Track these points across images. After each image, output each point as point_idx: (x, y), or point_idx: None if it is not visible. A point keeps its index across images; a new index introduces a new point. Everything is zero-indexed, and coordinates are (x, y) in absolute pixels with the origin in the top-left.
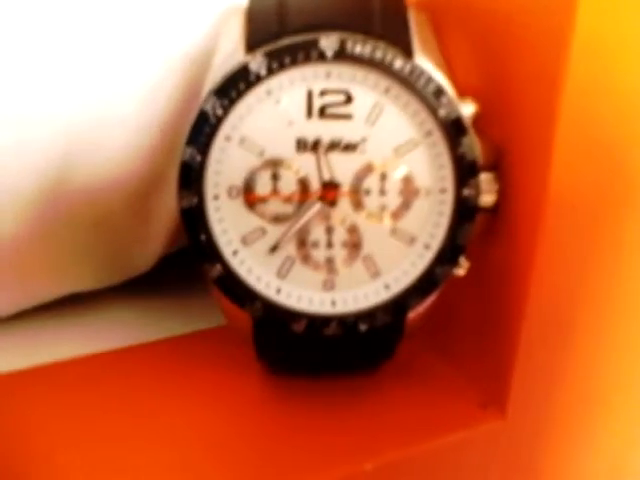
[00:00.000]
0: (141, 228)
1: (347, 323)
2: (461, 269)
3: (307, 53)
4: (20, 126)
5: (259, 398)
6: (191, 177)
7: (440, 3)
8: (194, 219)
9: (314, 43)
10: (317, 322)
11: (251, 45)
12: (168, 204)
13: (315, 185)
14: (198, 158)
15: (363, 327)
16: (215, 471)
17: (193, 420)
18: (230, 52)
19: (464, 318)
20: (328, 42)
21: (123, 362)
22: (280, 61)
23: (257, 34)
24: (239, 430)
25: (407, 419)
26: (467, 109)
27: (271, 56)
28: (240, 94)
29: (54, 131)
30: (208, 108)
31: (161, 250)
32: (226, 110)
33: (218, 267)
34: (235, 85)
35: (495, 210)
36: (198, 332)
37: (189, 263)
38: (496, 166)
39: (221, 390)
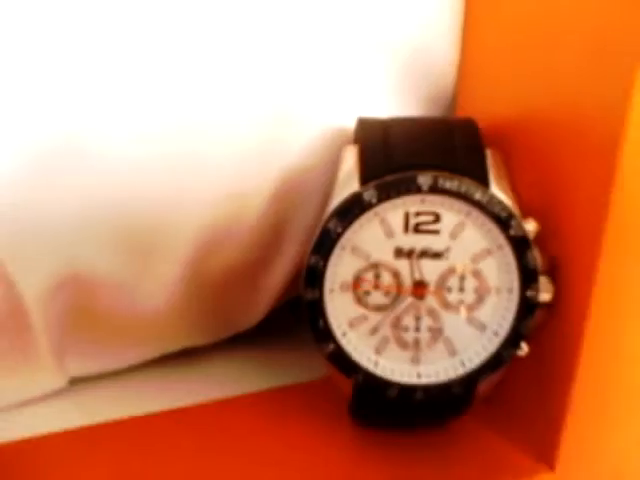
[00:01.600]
0: (252, 295)
1: (429, 392)
2: (523, 352)
3: (407, 187)
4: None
5: (349, 447)
6: (315, 277)
7: (509, 137)
8: (315, 308)
9: (413, 179)
10: (406, 390)
11: (364, 179)
12: (274, 278)
13: (408, 283)
14: (321, 263)
15: (441, 396)
16: None
17: (288, 467)
18: (347, 183)
19: (520, 388)
20: (424, 178)
21: (222, 413)
22: (387, 193)
23: (369, 170)
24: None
25: (465, 470)
26: (530, 227)
27: (380, 189)
28: (355, 217)
29: (199, 220)
30: (331, 226)
31: (265, 311)
32: (344, 228)
33: (331, 345)
34: (352, 210)
35: (550, 305)
36: (298, 384)
37: (287, 318)
38: (552, 271)
39: (314, 441)
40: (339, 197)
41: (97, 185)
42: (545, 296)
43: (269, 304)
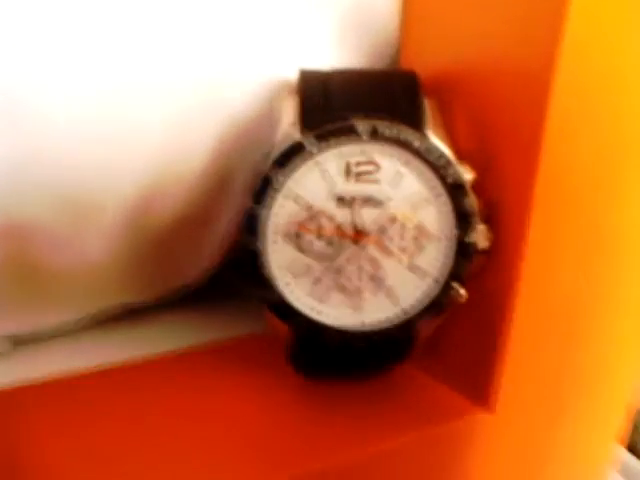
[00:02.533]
0: (195, 250)
1: (371, 338)
2: (462, 297)
3: (347, 135)
4: (110, 166)
5: (288, 397)
6: (256, 226)
7: (446, 86)
8: (257, 259)
9: (353, 127)
10: (347, 337)
11: (305, 128)
12: (219, 232)
13: (350, 232)
14: (262, 212)
15: (384, 342)
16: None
17: (229, 415)
18: (288, 131)
19: (459, 331)
20: (364, 127)
21: (165, 368)
22: (327, 141)
23: (309, 119)
24: (269, 419)
25: (401, 410)
26: (467, 176)
27: (320, 138)
28: (296, 166)
29: (138, 171)
30: (272, 175)
31: (210, 268)
32: (286, 177)
33: (273, 295)
34: (292, 159)
35: (488, 252)
36: (236, 338)
37: (231, 276)
38: (489, 218)
39: (255, 389)
40: (280, 146)
41: (34, 137)
42: (483, 242)
43: (214, 260)
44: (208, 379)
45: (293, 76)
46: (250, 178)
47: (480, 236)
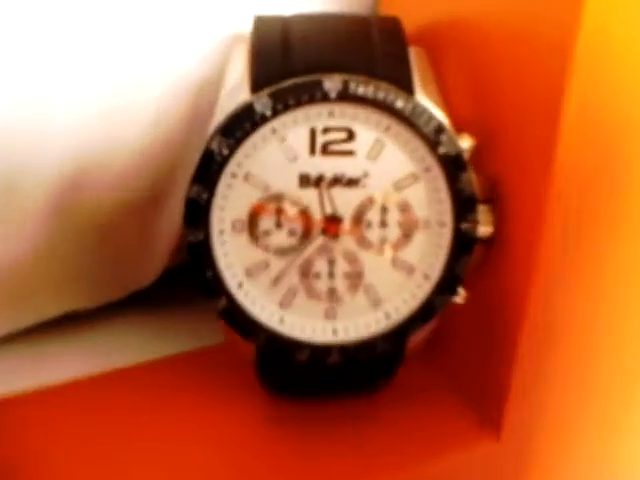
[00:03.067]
0: (143, 244)
1: (348, 351)
2: (459, 298)
3: (311, 94)
4: (30, 142)
5: (259, 420)
6: (197, 213)
7: (436, 39)
8: (201, 254)
9: (318, 84)
10: (319, 351)
11: (256, 85)
12: (170, 220)
13: (318, 219)
14: (204, 195)
15: (364, 355)
16: None
17: (193, 440)
18: (235, 91)
19: (462, 341)
20: (332, 83)
21: (123, 383)
22: (285, 102)
23: (262, 74)
24: (238, 451)
25: (403, 441)
26: (465, 144)
27: (276, 97)
28: (246, 134)
29: (63, 148)
30: (214, 147)
31: (161, 265)
32: (232, 149)
33: (223, 300)
34: (241, 125)
35: (491, 240)
36: (199, 350)
37: (190, 277)
38: (491, 198)
39: (222, 411)
40: (225, 110)
41: None
42: (485, 229)
43: (166, 256)
44: (163, 398)
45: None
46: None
47: (481, 221)
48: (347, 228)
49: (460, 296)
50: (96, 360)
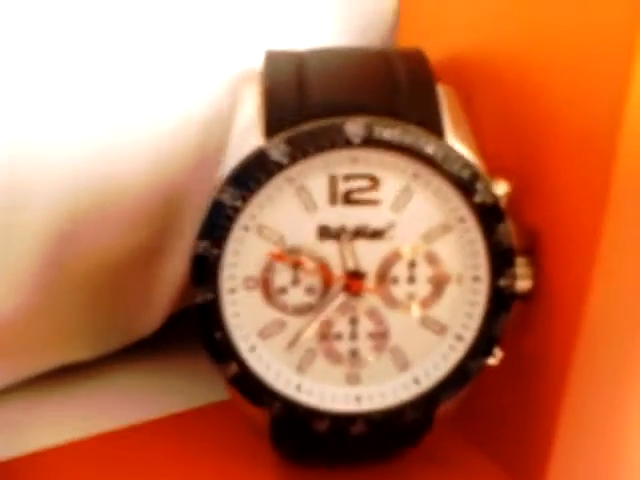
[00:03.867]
0: (142, 294)
1: (374, 421)
2: (494, 359)
3: (332, 140)
4: (22, 190)
5: None
6: (206, 271)
7: (463, 74)
8: (208, 315)
9: (340, 129)
10: (341, 421)
11: (270, 129)
12: (172, 269)
13: (339, 275)
14: (214, 251)
15: (390, 424)
16: None
17: None
18: (247, 134)
19: (498, 407)
20: (354, 127)
21: (122, 444)
22: (303, 149)
23: (276, 116)
24: None
25: None
26: (501, 190)
27: (293, 143)
28: (259, 183)
29: (58, 195)
30: (224, 199)
31: (163, 314)
32: (244, 201)
33: (234, 366)
34: (254, 174)
35: (530, 296)
36: (205, 407)
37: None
38: (530, 249)
39: (233, 474)
40: (235, 156)
41: None
42: (524, 284)
43: (169, 304)
44: (168, 460)
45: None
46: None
47: (520, 275)
48: (371, 284)
49: (496, 357)
50: (95, 416)
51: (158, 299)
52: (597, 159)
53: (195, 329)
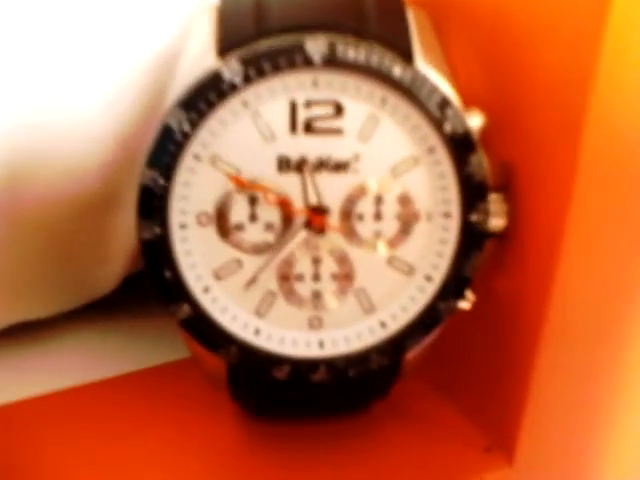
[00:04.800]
0: (98, 248)
1: (337, 367)
2: (466, 303)
3: (291, 59)
4: None
5: (233, 442)
6: (153, 204)
7: (438, 1)
8: (157, 252)
9: (299, 47)
10: (302, 367)
11: (224, 48)
12: (127, 222)
13: (300, 209)
14: (161, 182)
15: (355, 371)
16: None
17: (160, 467)
18: (199, 56)
19: (469, 355)
20: (315, 46)
21: (81, 402)
22: (259, 68)
23: (231, 35)
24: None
25: (405, 466)
26: (474, 121)
27: (248, 62)
28: (211, 106)
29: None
30: (173, 123)
31: (121, 271)
32: (195, 125)
33: (186, 307)
34: (205, 96)
35: (504, 235)
36: (165, 365)
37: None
38: (505, 185)
39: (192, 434)
40: (186, 79)
41: None
42: (497, 221)
43: (126, 260)
44: (126, 417)
45: None
46: None
47: (493, 212)
48: (335, 221)
49: (468, 301)
50: (49, 378)
51: (114, 254)
52: (573, 93)
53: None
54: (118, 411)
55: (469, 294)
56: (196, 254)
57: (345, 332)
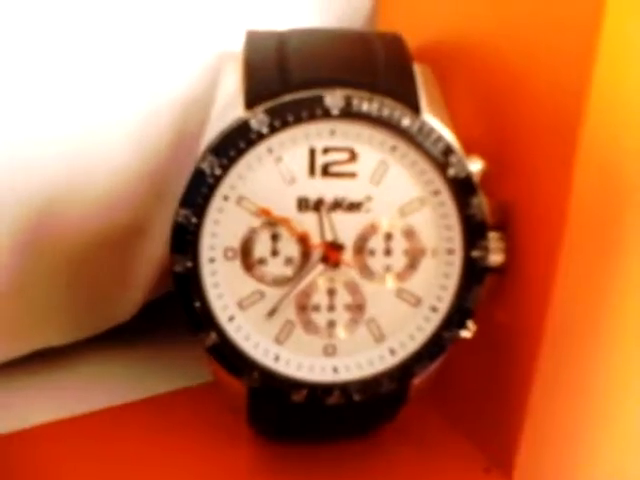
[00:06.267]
0: (121, 276)
1: (350, 391)
2: (468, 332)
3: (311, 111)
4: None
5: (249, 466)
6: (185, 240)
7: (441, 56)
8: (188, 284)
9: (319, 100)
10: (318, 391)
11: (251, 101)
12: (149, 251)
13: (317, 245)
14: (193, 220)
15: (366, 395)
16: None
17: None
18: (228, 107)
19: (470, 380)
20: (333, 99)
21: (101, 427)
22: (283, 119)
23: (257, 88)
24: None
25: None
26: (475, 166)
27: (273, 113)
28: (240, 153)
29: (32, 175)
30: (206, 167)
31: (141, 298)
32: (225, 169)
33: (213, 335)
34: (234, 143)
35: (503, 270)
36: (183, 390)
37: (174, 310)
38: (503, 224)
39: (207, 458)
40: (216, 128)
41: None
42: (497, 258)
43: (148, 288)
44: (145, 442)
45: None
46: None
47: (493, 248)
48: (349, 256)
49: (469, 330)
50: (71, 401)
51: (136, 282)
52: (564, 139)
53: (172, 316)
54: (135, 435)
55: (471, 324)
56: (223, 286)
57: (357, 359)
